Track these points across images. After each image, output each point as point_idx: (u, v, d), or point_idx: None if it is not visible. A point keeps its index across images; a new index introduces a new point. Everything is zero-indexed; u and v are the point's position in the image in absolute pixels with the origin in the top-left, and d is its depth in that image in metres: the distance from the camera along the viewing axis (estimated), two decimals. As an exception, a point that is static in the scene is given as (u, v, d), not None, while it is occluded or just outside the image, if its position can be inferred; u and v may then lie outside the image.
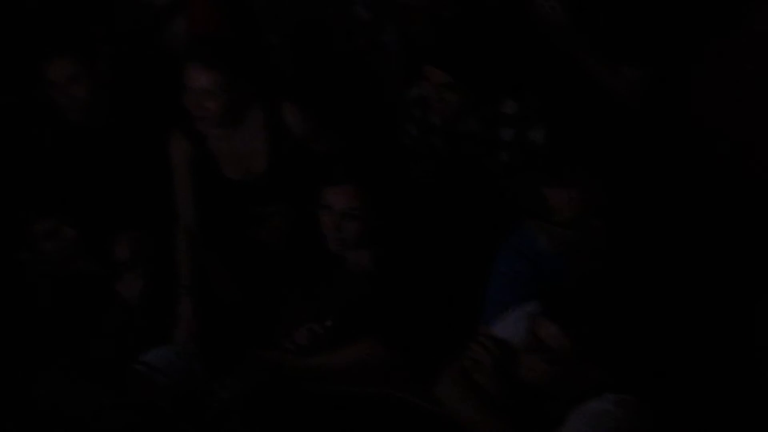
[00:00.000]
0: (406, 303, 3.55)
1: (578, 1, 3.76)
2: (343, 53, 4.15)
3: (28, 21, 4.21)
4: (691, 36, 3.72)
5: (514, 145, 3.73)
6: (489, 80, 3.68)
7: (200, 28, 4.22)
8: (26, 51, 4.06)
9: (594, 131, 3.68)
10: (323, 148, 3.81)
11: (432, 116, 3.80)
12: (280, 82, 4.10)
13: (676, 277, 3.34)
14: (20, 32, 4.18)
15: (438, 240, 3.65)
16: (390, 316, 3.52)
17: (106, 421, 3.51)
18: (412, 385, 3.42)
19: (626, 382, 3.07)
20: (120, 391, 3.60)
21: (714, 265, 3.43)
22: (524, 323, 3.17)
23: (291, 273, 3.78)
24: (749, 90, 3.64)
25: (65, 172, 3.98)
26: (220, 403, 3.52)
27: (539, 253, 3.39)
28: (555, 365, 3.07)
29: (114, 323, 3.86)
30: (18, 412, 3.63)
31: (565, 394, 3.10)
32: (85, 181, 3.98)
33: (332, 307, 3.60)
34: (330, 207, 3.53)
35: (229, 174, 3.93)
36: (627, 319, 3.14)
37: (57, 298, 3.86)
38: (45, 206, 3.83)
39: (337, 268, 3.67)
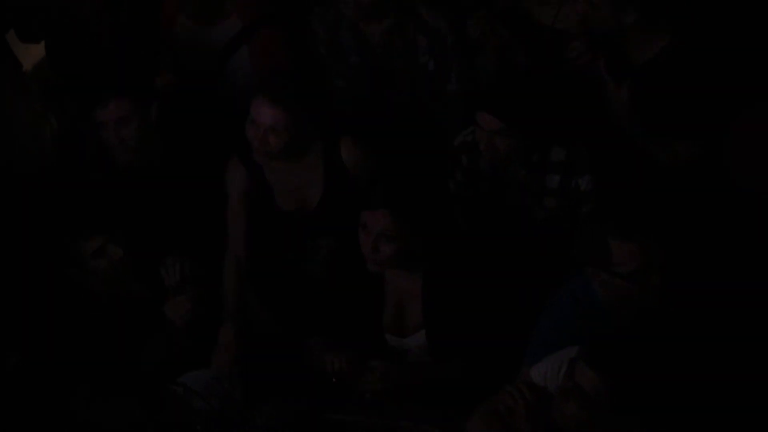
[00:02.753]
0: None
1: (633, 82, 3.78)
2: (406, 99, 4.18)
3: (93, 59, 4.26)
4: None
5: (560, 192, 3.75)
6: (540, 128, 3.67)
7: (264, 62, 4.24)
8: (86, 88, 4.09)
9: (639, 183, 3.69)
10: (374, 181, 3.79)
11: (480, 162, 3.82)
12: (340, 119, 4.11)
13: (719, 340, 3.30)
14: (84, 70, 4.22)
15: (485, 278, 3.62)
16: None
17: (140, 439, 3.48)
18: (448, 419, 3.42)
19: (661, 433, 3.04)
20: (156, 411, 3.59)
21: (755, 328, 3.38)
22: (565, 367, 3.16)
23: (332, 303, 3.76)
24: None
25: (116, 199, 3.97)
26: (252, 429, 3.49)
27: (592, 301, 3.38)
28: (588, 412, 3.04)
29: (157, 344, 3.83)
30: (54, 425, 3.62)
31: (598, 440, 3.08)
32: (136, 207, 3.99)
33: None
34: (367, 227, 3.54)
35: (283, 205, 3.94)
36: (664, 374, 3.10)
37: (103, 316, 3.83)
38: (95, 226, 3.83)
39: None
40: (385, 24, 4.09)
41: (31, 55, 4.51)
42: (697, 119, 3.72)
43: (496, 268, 3.64)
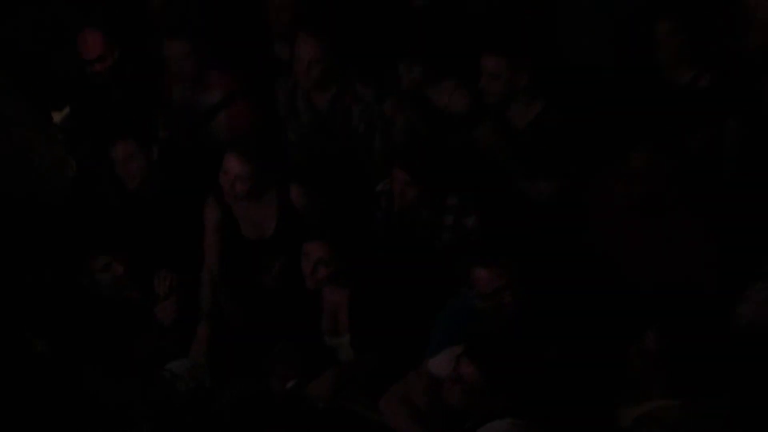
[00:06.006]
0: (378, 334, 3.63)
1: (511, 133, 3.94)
2: (343, 152, 4.27)
3: (107, 113, 4.41)
4: (592, 160, 3.87)
5: (453, 228, 3.85)
6: (439, 181, 3.83)
7: (238, 124, 4.33)
8: (101, 131, 4.26)
9: (514, 222, 3.80)
10: (315, 219, 3.90)
11: (394, 205, 3.90)
12: (291, 168, 4.17)
13: (565, 339, 3.45)
14: (100, 121, 4.38)
15: (396, 292, 3.72)
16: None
17: (133, 410, 3.57)
18: (364, 397, 3.55)
19: (523, 409, 3.21)
20: (147, 389, 3.67)
21: (592, 329, 3.50)
22: (453, 361, 3.30)
23: (284, 308, 3.86)
24: (620, 211, 3.74)
25: (122, 223, 4.10)
26: (219, 404, 3.58)
27: (472, 310, 3.52)
28: (469, 393, 3.22)
29: (150, 338, 3.97)
30: (66, 399, 3.65)
31: (477, 415, 3.22)
32: (136, 231, 4.09)
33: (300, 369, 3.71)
34: (307, 254, 3.67)
35: (246, 234, 4.04)
36: (527, 363, 3.26)
37: (107, 315, 3.95)
38: (103, 246, 3.94)
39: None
40: (329, 94, 4.20)
41: (59, 112, 4.60)
42: (559, 164, 3.88)
43: (405, 284, 3.71)
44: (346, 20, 4.36)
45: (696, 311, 3.44)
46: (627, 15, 4.10)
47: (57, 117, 4.60)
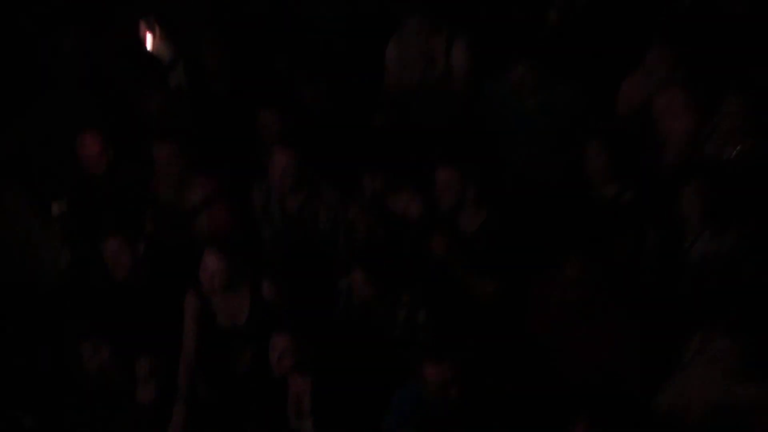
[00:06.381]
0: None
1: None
2: (310, 251, 4.46)
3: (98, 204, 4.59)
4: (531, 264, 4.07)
5: (405, 323, 4.04)
6: (394, 280, 4.05)
7: (218, 223, 4.49)
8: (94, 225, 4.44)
9: (461, 318, 3.99)
10: (282, 312, 4.07)
11: (353, 301, 4.12)
12: (264, 264, 4.34)
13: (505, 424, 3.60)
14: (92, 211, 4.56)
15: (355, 380, 3.86)
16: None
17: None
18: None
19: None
20: None
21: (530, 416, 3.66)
22: None
23: (254, 392, 4.02)
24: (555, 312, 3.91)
25: (109, 311, 4.22)
26: None
27: (421, 398, 3.64)
28: None
29: (132, 417, 4.08)
30: None
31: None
32: (122, 319, 4.21)
33: None
34: (274, 345, 3.86)
35: (222, 323, 4.22)
36: None
37: (91, 395, 4.07)
38: (91, 332, 4.08)
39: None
40: (300, 198, 4.42)
41: (57, 204, 4.75)
42: (500, 267, 4.10)
43: (363, 373, 3.86)
44: (317, 136, 4.59)
45: (623, 400, 3.63)
46: (559, 139, 4.40)
47: (56, 209, 4.73)
